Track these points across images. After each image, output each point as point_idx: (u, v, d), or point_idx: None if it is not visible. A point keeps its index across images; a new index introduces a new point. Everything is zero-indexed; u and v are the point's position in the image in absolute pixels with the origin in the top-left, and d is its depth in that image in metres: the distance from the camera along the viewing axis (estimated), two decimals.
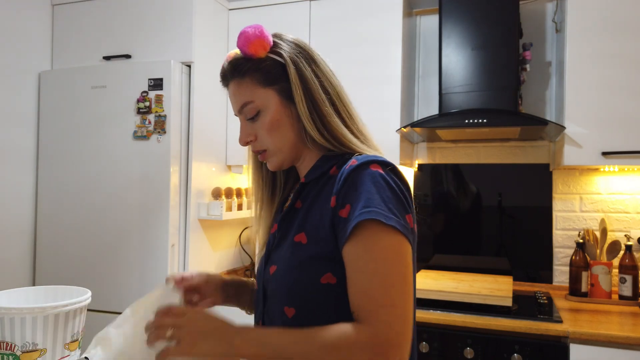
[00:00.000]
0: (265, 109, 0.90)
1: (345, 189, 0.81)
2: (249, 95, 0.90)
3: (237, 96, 0.92)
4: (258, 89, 0.90)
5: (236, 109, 0.93)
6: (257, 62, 0.89)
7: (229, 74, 0.93)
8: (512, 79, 2.04)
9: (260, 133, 0.91)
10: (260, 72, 0.89)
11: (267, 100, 0.89)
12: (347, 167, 0.83)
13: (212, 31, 2.37)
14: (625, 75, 1.91)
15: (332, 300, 0.82)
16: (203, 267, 2.33)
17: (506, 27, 2.07)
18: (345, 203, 0.80)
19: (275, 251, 0.92)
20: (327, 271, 0.82)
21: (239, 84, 0.91)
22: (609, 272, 2.06)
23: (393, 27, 2.20)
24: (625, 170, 2.19)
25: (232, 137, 2.48)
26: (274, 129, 0.90)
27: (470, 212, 2.39)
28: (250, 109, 0.90)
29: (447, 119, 2.02)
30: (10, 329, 0.96)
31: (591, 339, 1.64)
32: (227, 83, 0.94)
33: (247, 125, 0.93)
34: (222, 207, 2.27)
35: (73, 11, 2.40)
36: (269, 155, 0.93)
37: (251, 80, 0.90)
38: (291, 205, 0.93)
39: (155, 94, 2.14)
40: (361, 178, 0.80)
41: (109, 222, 2.19)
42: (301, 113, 0.88)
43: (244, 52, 0.89)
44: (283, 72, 0.89)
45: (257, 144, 0.93)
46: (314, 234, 0.85)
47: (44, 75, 2.36)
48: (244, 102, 0.91)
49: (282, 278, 0.87)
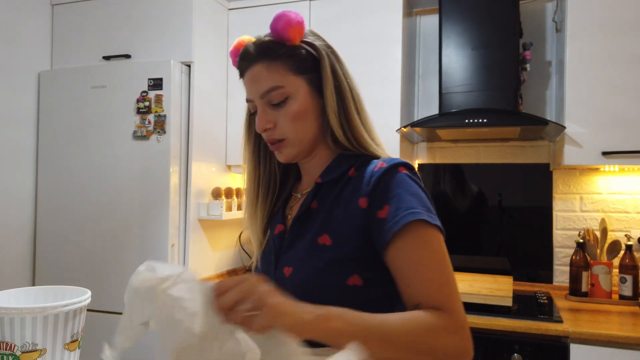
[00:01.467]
0: (295, 97, 0.87)
1: (380, 191, 0.82)
2: (279, 79, 0.86)
3: (264, 79, 0.87)
4: (289, 75, 0.87)
5: (259, 92, 0.88)
6: (291, 48, 0.87)
7: (253, 55, 0.88)
8: (512, 79, 2.04)
9: (282, 121, 0.88)
10: (293, 58, 0.87)
11: (297, 88, 0.87)
12: (375, 170, 0.84)
13: (212, 31, 2.37)
14: (625, 75, 1.91)
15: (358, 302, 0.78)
16: (203, 267, 2.33)
17: (506, 27, 2.07)
18: (383, 204, 0.81)
19: (287, 253, 0.89)
20: (354, 273, 0.82)
21: (268, 66, 0.87)
22: (609, 272, 2.06)
23: (393, 27, 2.20)
24: (626, 170, 2.19)
25: (232, 137, 2.48)
26: (300, 119, 0.88)
27: (470, 212, 2.39)
28: (278, 94, 0.86)
29: (447, 119, 2.02)
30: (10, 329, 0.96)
31: (591, 339, 1.64)
32: (249, 65, 0.89)
33: (267, 111, 0.88)
34: (222, 207, 2.27)
35: (73, 11, 2.40)
36: (286, 145, 0.89)
37: (283, 65, 0.87)
38: (306, 205, 0.90)
39: (155, 94, 2.14)
40: (395, 180, 0.82)
41: (109, 222, 2.19)
42: (329, 107, 0.88)
43: (281, 35, 0.86)
44: (313, 64, 0.88)
45: (275, 132, 0.89)
46: (340, 235, 0.83)
47: (44, 75, 2.36)
48: (273, 86, 0.86)
49: (305, 280, 0.84)
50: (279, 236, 0.93)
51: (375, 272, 0.83)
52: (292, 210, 0.96)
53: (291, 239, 0.90)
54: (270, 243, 0.96)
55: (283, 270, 0.88)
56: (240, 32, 2.64)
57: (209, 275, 2.35)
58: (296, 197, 0.98)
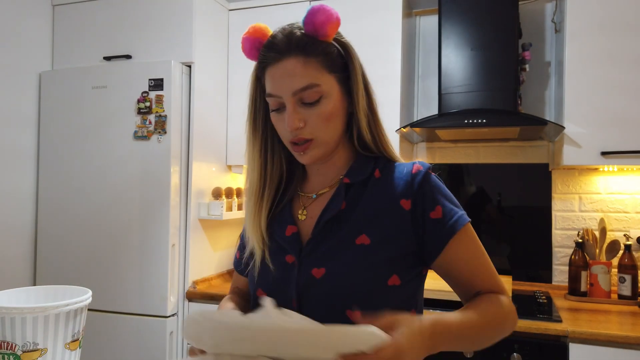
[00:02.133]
0: (328, 96, 0.84)
1: (428, 193, 0.86)
2: (316, 77, 0.82)
3: (300, 76, 0.81)
4: (324, 73, 0.83)
5: (292, 89, 0.82)
6: (326, 45, 0.84)
7: (285, 48, 0.82)
8: (512, 79, 2.05)
9: (313, 120, 0.83)
10: (327, 56, 0.84)
11: (331, 87, 0.84)
12: (414, 172, 0.87)
13: (212, 31, 2.37)
14: (624, 75, 1.91)
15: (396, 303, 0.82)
16: (203, 267, 2.33)
17: (505, 28, 2.07)
18: (435, 205, 0.86)
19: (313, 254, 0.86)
20: (393, 273, 0.83)
21: (304, 62, 0.82)
22: (608, 271, 2.06)
23: (393, 28, 2.20)
24: (625, 170, 2.20)
25: (232, 137, 2.49)
26: (331, 119, 0.85)
27: (470, 212, 2.38)
28: (314, 92, 0.82)
29: (446, 119, 2.02)
30: (11, 328, 0.97)
31: (590, 339, 1.64)
32: (279, 57, 0.83)
33: (298, 109, 0.83)
34: (223, 207, 2.28)
35: (74, 11, 2.41)
36: (314, 146, 0.85)
37: (318, 62, 0.83)
38: (336, 207, 0.87)
39: (155, 94, 2.14)
40: (437, 183, 0.89)
41: (110, 222, 2.20)
42: (361, 109, 0.87)
43: (319, 30, 0.82)
44: (342, 63, 0.87)
45: (305, 132, 0.84)
46: (380, 235, 0.84)
47: (45, 75, 2.36)
48: (309, 84, 0.82)
49: (343, 281, 0.82)
50: (293, 237, 0.90)
51: (410, 272, 0.86)
52: (308, 211, 0.92)
53: (318, 241, 0.87)
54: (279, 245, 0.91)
55: (311, 271, 0.85)
56: (240, 32, 2.63)
57: (209, 275, 2.36)
58: (309, 198, 0.94)
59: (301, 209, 0.94)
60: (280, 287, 0.88)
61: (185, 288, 2.21)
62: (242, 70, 2.45)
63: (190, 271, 2.22)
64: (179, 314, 2.19)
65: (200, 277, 2.29)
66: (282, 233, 0.92)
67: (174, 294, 2.16)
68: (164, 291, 2.11)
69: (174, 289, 2.16)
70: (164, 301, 2.11)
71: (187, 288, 2.21)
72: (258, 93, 0.92)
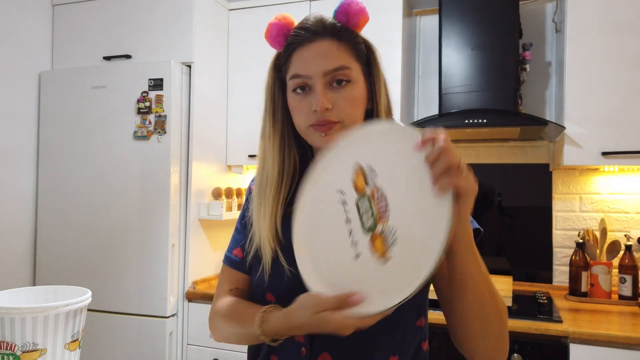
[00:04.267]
0: (356, 82, 0.86)
1: None
2: (347, 60, 0.85)
3: (334, 57, 0.84)
4: (353, 60, 0.87)
5: (324, 69, 0.83)
6: (355, 35, 0.88)
7: (320, 31, 0.85)
8: (512, 79, 2.04)
9: (340, 104, 0.84)
10: (355, 46, 0.88)
11: (358, 75, 0.87)
12: None
13: (212, 31, 2.37)
14: (625, 75, 1.91)
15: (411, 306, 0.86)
16: (203, 267, 2.33)
17: (506, 28, 2.07)
18: None
19: None
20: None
21: (338, 46, 0.85)
22: (609, 272, 2.06)
23: (393, 28, 2.20)
24: (625, 170, 2.20)
25: (232, 137, 2.49)
26: (357, 105, 0.87)
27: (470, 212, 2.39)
28: (344, 74, 0.84)
29: (447, 119, 2.02)
30: (10, 328, 0.96)
31: (591, 339, 1.64)
32: (313, 38, 0.85)
33: (326, 91, 0.84)
34: (222, 207, 2.27)
35: (73, 11, 2.41)
36: (339, 128, 0.85)
37: (349, 48, 0.86)
38: None
39: (155, 94, 2.14)
40: None
41: (109, 222, 2.20)
42: (382, 102, 0.89)
43: (352, 20, 0.87)
44: (367, 58, 0.90)
45: (332, 114, 0.84)
46: None
47: (45, 75, 2.36)
48: (342, 65, 0.84)
49: None
50: None
51: None
52: None
53: None
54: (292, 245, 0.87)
55: None
56: (240, 32, 2.65)
57: (209, 275, 2.36)
58: None
59: None
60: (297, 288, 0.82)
61: (185, 288, 2.21)
62: (242, 71, 2.44)
63: (190, 271, 2.22)
64: (178, 314, 2.18)
65: (200, 278, 2.28)
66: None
67: (174, 294, 2.16)
68: (163, 291, 2.11)
69: (174, 289, 2.16)
70: (164, 301, 2.11)
71: (186, 288, 2.21)
72: (277, 85, 0.91)
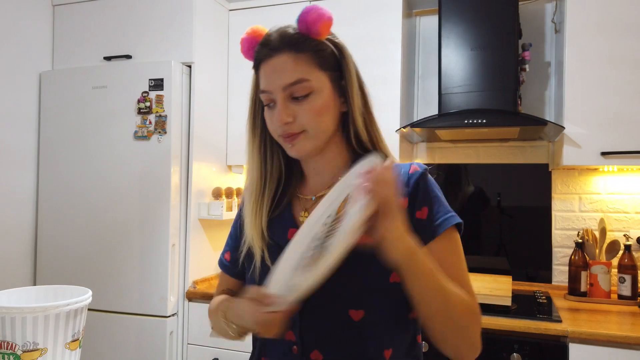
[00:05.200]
0: (319, 92, 0.85)
1: (420, 193, 0.86)
2: (306, 72, 0.84)
3: (290, 71, 0.84)
4: (315, 70, 0.85)
5: (282, 84, 0.84)
6: (318, 43, 0.86)
7: (278, 45, 0.85)
8: (512, 80, 2.05)
9: (303, 115, 0.85)
10: (319, 53, 0.86)
11: (322, 84, 0.86)
12: (411, 172, 0.88)
13: (213, 32, 2.37)
14: (624, 75, 1.91)
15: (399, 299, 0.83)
16: (203, 267, 2.33)
17: (505, 28, 2.07)
18: (422, 206, 0.86)
19: None
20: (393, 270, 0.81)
21: (295, 58, 0.84)
22: (608, 271, 2.06)
23: (393, 28, 2.20)
24: (625, 170, 2.20)
25: (232, 137, 2.49)
26: (322, 115, 0.86)
27: (470, 212, 2.40)
28: (303, 87, 0.84)
29: (446, 119, 2.02)
30: (11, 328, 0.97)
31: (590, 339, 1.64)
32: (272, 54, 0.86)
33: (287, 104, 0.85)
34: (223, 207, 2.28)
35: (74, 11, 2.41)
36: (304, 138, 0.86)
37: (310, 59, 0.85)
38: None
39: (155, 94, 2.14)
40: (431, 184, 0.88)
41: (110, 221, 2.20)
42: (356, 107, 0.88)
43: (311, 28, 0.85)
44: (335, 62, 0.88)
45: (294, 126, 0.85)
46: None
47: (45, 75, 2.37)
48: (299, 79, 0.84)
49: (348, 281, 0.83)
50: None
51: None
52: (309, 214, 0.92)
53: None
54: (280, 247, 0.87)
55: None
56: (240, 32, 2.63)
57: (209, 275, 2.36)
58: (309, 200, 0.94)
59: (302, 211, 0.93)
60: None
61: (185, 288, 2.21)
62: (242, 71, 2.45)
63: (190, 271, 2.22)
64: (178, 314, 2.19)
65: (200, 277, 2.29)
66: (283, 235, 0.91)
67: (174, 293, 2.16)
68: (164, 291, 2.12)
69: (174, 288, 2.16)
70: (164, 301, 2.11)
71: (187, 288, 2.21)
72: (257, 92, 0.93)
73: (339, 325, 0.84)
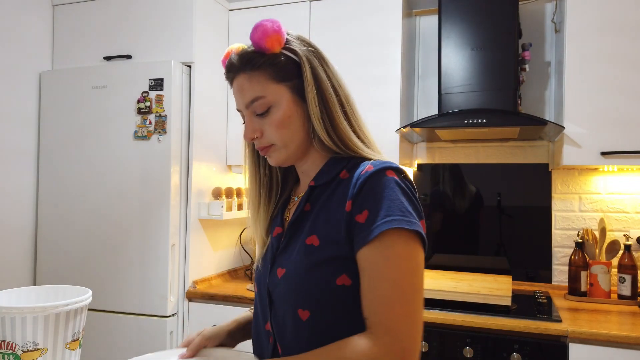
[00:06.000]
0: (277, 105, 0.87)
1: (363, 194, 0.81)
2: (260, 89, 0.87)
3: (247, 90, 0.88)
4: (270, 84, 0.87)
5: (243, 103, 0.89)
6: (271, 57, 0.87)
7: (237, 67, 0.89)
8: (512, 79, 2.05)
9: (268, 129, 0.88)
10: (273, 67, 0.87)
11: (279, 96, 0.87)
12: (362, 172, 0.83)
13: (213, 31, 2.37)
14: (624, 75, 1.91)
15: (349, 302, 0.82)
16: (203, 266, 2.33)
17: (505, 28, 2.07)
18: (363, 209, 0.80)
19: (282, 254, 0.91)
20: (342, 272, 0.82)
21: (249, 77, 0.87)
22: (608, 271, 2.07)
23: (393, 28, 2.20)
24: (625, 170, 2.20)
25: (232, 137, 2.49)
26: (284, 126, 0.88)
27: (470, 212, 2.40)
28: (260, 104, 0.87)
29: (446, 119, 2.02)
30: (11, 328, 0.97)
31: (590, 339, 1.65)
32: (234, 76, 0.90)
33: (253, 120, 0.89)
34: (223, 207, 2.28)
35: (74, 11, 2.41)
36: (274, 150, 0.91)
37: (263, 74, 0.87)
38: (300, 208, 0.92)
39: (155, 94, 2.14)
40: (379, 184, 0.81)
41: (110, 221, 2.20)
42: (312, 113, 0.87)
43: (259, 45, 0.86)
44: (296, 70, 0.88)
45: (263, 140, 0.90)
46: (327, 236, 0.84)
47: (45, 75, 2.36)
48: (255, 97, 0.87)
49: (294, 280, 0.85)
50: (277, 238, 0.94)
51: None
52: (290, 213, 0.97)
53: (286, 242, 0.91)
54: (269, 245, 0.96)
55: (276, 271, 0.89)
56: (240, 32, 2.65)
57: (209, 275, 2.36)
58: (294, 200, 0.99)
59: (288, 210, 0.99)
60: (262, 285, 0.94)
61: (185, 288, 2.21)
62: None
63: (190, 271, 2.23)
64: (179, 314, 2.19)
65: (200, 277, 2.29)
66: (272, 234, 0.97)
67: (174, 293, 2.16)
68: (164, 291, 2.12)
69: (174, 288, 2.16)
70: (164, 301, 2.11)
71: (187, 288, 2.21)
72: None
73: (291, 323, 0.85)
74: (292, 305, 0.85)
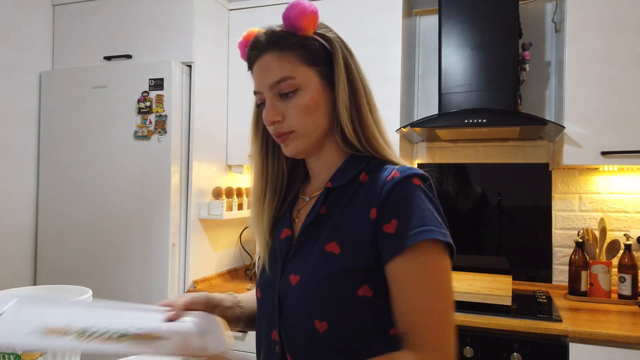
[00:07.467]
0: (306, 88, 0.83)
1: (391, 203, 0.77)
2: (290, 69, 0.82)
3: (275, 69, 0.82)
4: (301, 65, 0.83)
5: (268, 83, 0.83)
6: (303, 38, 0.84)
7: (263, 45, 0.84)
8: (512, 79, 2.05)
9: (291, 113, 0.83)
10: (305, 49, 0.84)
11: (308, 80, 0.83)
12: (388, 179, 0.79)
13: (213, 31, 2.37)
14: (624, 74, 1.91)
15: (370, 314, 0.77)
16: (204, 266, 2.33)
17: (506, 27, 2.07)
18: (392, 218, 0.76)
19: (294, 260, 0.85)
20: (364, 283, 0.77)
21: (279, 56, 0.83)
22: (608, 271, 2.06)
23: (393, 27, 2.20)
24: (625, 170, 2.20)
25: (232, 137, 2.49)
26: (310, 112, 0.83)
27: (470, 212, 2.40)
28: (288, 84, 0.82)
29: (446, 119, 2.02)
30: None
31: (590, 338, 1.64)
32: (259, 54, 0.85)
33: (276, 103, 0.84)
34: (223, 207, 2.28)
35: (74, 11, 2.41)
36: (294, 137, 0.84)
37: (294, 55, 0.83)
38: (316, 211, 0.85)
39: (156, 94, 2.14)
40: (407, 193, 0.78)
41: (110, 221, 2.20)
42: (341, 100, 0.83)
43: (294, 24, 0.83)
44: (325, 56, 0.85)
45: (283, 125, 0.84)
46: (348, 244, 0.79)
47: (45, 75, 2.36)
48: (283, 77, 0.82)
49: (312, 290, 0.79)
50: (286, 241, 0.88)
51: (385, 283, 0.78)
52: (301, 215, 0.91)
53: (299, 246, 0.85)
54: (277, 247, 0.90)
55: (289, 277, 0.83)
56: (240, 32, 2.63)
57: (209, 274, 2.36)
58: (304, 200, 0.92)
59: (297, 211, 0.93)
60: (269, 291, 0.88)
61: (185, 288, 2.21)
62: (242, 70, 2.44)
63: (191, 271, 2.22)
64: None
65: (201, 277, 2.29)
66: (279, 236, 0.91)
67: (174, 293, 2.16)
68: (164, 291, 2.11)
69: (174, 288, 2.16)
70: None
71: (187, 288, 2.21)
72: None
73: (305, 335, 0.80)
74: (307, 315, 0.79)
